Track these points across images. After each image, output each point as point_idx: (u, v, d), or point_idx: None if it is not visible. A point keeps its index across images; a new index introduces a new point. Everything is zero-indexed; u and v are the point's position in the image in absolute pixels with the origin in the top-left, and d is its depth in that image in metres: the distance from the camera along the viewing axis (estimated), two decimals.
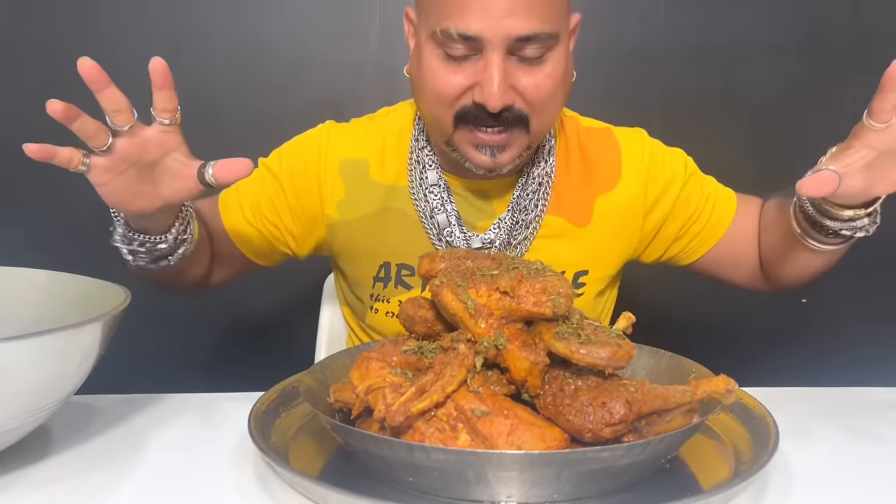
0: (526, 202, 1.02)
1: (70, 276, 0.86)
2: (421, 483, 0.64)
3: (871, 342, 1.75)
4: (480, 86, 0.88)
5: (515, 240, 1.02)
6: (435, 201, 1.02)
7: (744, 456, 0.72)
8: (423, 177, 1.02)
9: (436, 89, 0.91)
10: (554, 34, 0.89)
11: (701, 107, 1.74)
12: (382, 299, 1.06)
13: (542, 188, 1.03)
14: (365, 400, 0.69)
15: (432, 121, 0.96)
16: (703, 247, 1.09)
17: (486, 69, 0.87)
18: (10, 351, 0.63)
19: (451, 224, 1.01)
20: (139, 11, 1.66)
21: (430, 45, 0.91)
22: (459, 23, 0.86)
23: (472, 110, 0.90)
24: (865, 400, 0.91)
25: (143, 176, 0.80)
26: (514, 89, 0.89)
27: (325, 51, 1.69)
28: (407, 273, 1.04)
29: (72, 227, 1.66)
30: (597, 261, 1.06)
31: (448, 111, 0.92)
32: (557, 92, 0.92)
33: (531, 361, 0.68)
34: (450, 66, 0.90)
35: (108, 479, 0.71)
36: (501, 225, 1.02)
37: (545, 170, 1.03)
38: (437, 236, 1.02)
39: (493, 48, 0.87)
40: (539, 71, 0.90)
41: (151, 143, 0.79)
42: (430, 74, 0.91)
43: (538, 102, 0.91)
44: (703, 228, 1.08)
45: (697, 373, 0.77)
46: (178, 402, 0.89)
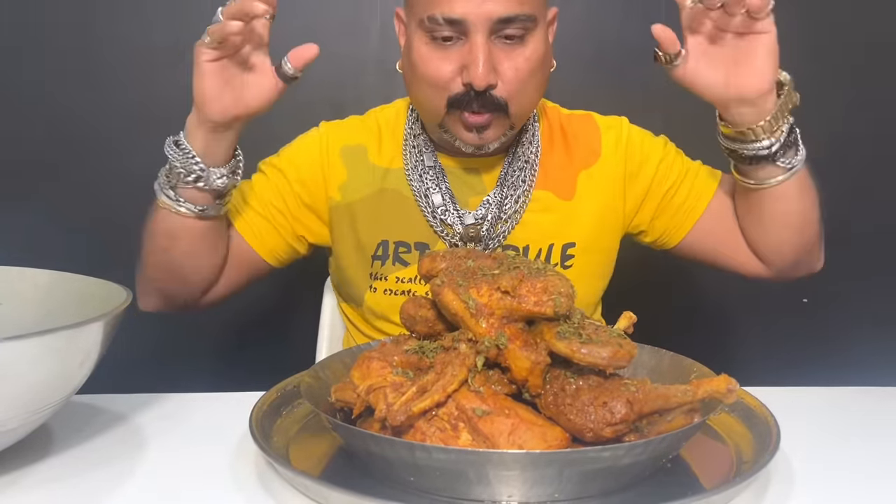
0: (514, 178, 1.08)
1: (71, 275, 0.86)
2: (422, 482, 0.64)
3: (871, 342, 1.75)
4: (467, 67, 0.96)
5: (506, 214, 1.07)
6: (430, 182, 1.08)
7: (745, 455, 0.72)
8: (420, 160, 1.09)
9: (427, 74, 0.99)
10: (532, 16, 0.97)
11: (704, 106, 1.74)
12: (381, 277, 1.10)
13: (528, 165, 1.09)
14: (366, 399, 0.69)
15: (426, 105, 1.02)
16: (686, 221, 1.11)
17: (472, 51, 0.95)
18: (12, 350, 0.63)
19: (446, 202, 1.07)
20: (142, 12, 1.66)
21: (418, 33, 0.99)
22: (445, 8, 0.95)
23: (462, 96, 0.98)
24: (866, 400, 0.91)
25: (235, 72, 0.91)
26: (496, 71, 0.97)
27: (327, 48, 1.69)
28: (404, 250, 1.09)
29: (73, 226, 1.66)
30: (583, 233, 1.10)
31: (441, 94, 0.99)
32: (535, 75, 0.99)
33: (532, 361, 0.68)
34: (438, 52, 0.98)
35: (109, 479, 0.71)
36: (492, 200, 1.08)
37: (530, 149, 1.10)
38: (432, 214, 1.08)
39: (476, 30, 0.95)
40: (519, 54, 0.97)
41: (254, 33, 0.90)
42: (420, 61, 0.99)
43: (516, 84, 0.98)
44: (684, 201, 1.11)
45: (699, 372, 0.77)
46: (180, 402, 0.89)
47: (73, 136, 1.68)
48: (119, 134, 1.69)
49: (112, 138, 1.69)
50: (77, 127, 1.68)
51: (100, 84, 1.67)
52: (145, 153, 1.71)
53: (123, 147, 1.69)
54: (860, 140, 1.77)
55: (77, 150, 1.69)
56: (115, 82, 1.67)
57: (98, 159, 1.70)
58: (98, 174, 1.70)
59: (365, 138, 1.13)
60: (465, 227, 1.06)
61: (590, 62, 1.70)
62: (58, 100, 1.66)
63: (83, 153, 1.69)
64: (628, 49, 1.71)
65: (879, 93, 1.76)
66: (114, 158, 1.70)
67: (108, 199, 1.69)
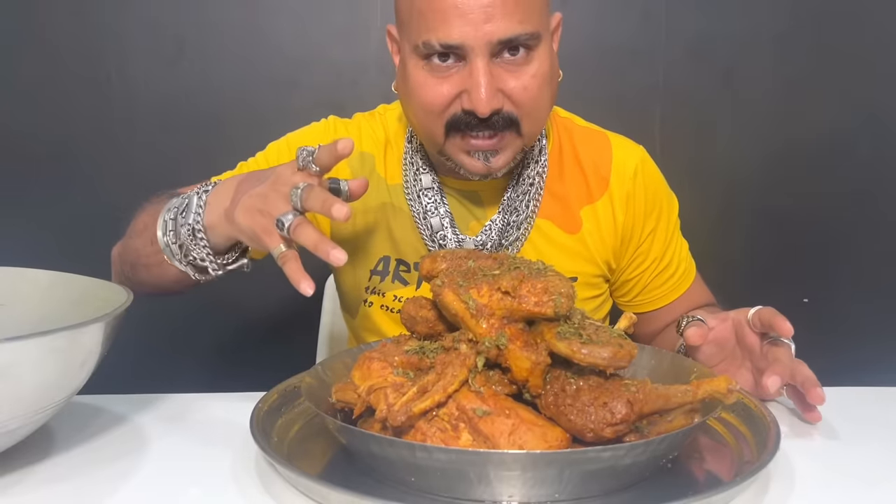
0: (517, 203, 1.03)
1: (73, 276, 0.86)
2: (423, 483, 0.64)
3: (872, 342, 1.75)
4: (468, 92, 0.89)
5: (507, 241, 1.03)
6: (429, 204, 1.03)
7: (745, 455, 0.72)
8: (417, 179, 1.03)
9: (424, 101, 0.92)
10: (535, 34, 0.90)
11: (701, 104, 1.74)
12: (378, 292, 1.07)
13: (533, 188, 1.03)
14: (367, 400, 0.69)
15: (423, 133, 0.97)
16: (639, 306, 1.14)
17: (472, 75, 0.88)
18: (13, 351, 0.63)
19: (444, 227, 1.02)
20: (143, 11, 1.66)
21: (413, 58, 0.92)
22: (441, 33, 0.88)
23: (462, 118, 0.91)
24: (867, 400, 0.91)
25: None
26: (502, 92, 0.91)
27: (327, 51, 1.70)
28: (404, 269, 1.06)
29: (75, 227, 1.67)
30: (585, 268, 1.08)
31: (438, 121, 0.93)
32: (544, 91, 0.93)
33: (533, 361, 0.68)
34: (435, 77, 0.91)
35: (110, 480, 0.71)
36: (493, 227, 1.03)
37: (536, 170, 1.03)
38: (430, 237, 1.03)
39: (476, 54, 0.88)
40: (525, 72, 0.91)
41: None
42: (416, 87, 0.92)
43: (527, 103, 0.92)
44: (648, 289, 1.13)
45: (699, 373, 0.77)
46: (181, 403, 0.89)
47: (73, 136, 1.69)
48: (120, 134, 1.69)
49: (113, 138, 1.69)
50: (78, 127, 1.68)
51: (100, 84, 1.67)
52: (146, 153, 1.72)
53: (125, 147, 1.69)
54: (860, 140, 1.77)
55: (78, 151, 1.69)
56: (116, 82, 1.67)
57: (99, 159, 1.70)
58: (99, 174, 1.70)
59: (373, 146, 1.08)
60: None
61: (591, 62, 1.70)
62: (58, 100, 1.67)
63: (84, 153, 1.70)
64: (627, 51, 1.71)
65: (880, 93, 1.76)
66: (115, 158, 1.70)
67: (109, 199, 1.69)
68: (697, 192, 1.71)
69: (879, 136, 1.77)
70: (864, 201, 1.79)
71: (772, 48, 1.72)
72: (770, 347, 0.87)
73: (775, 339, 0.88)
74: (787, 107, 1.75)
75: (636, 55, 1.71)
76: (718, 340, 0.91)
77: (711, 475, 0.72)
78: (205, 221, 0.84)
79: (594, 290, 1.10)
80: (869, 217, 1.79)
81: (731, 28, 1.71)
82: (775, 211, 1.80)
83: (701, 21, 1.71)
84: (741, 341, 0.91)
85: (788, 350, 0.86)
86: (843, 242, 1.80)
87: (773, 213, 1.80)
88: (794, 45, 1.72)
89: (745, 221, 1.81)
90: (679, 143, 1.72)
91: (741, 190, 1.79)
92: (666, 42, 1.70)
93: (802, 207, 1.79)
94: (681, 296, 1.13)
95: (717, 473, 0.72)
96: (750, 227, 1.81)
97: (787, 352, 0.86)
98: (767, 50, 1.72)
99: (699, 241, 1.22)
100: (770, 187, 1.80)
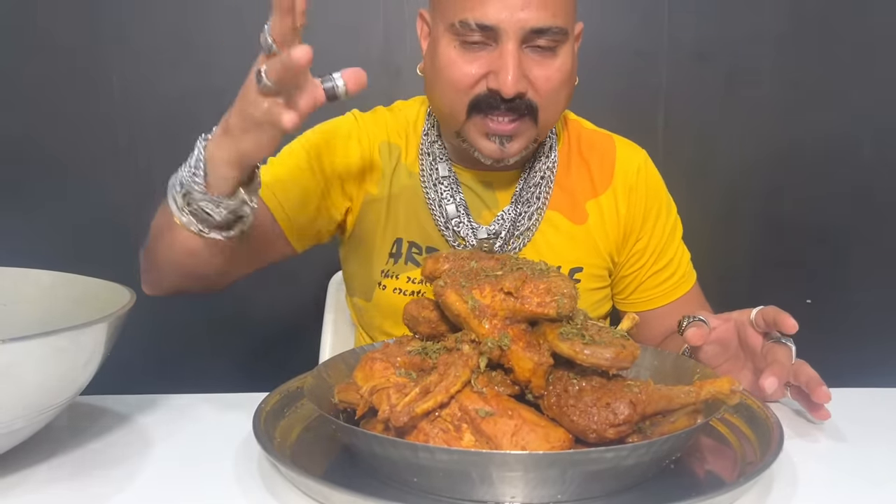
0: (529, 195, 1.07)
1: (75, 276, 0.86)
2: (425, 483, 0.64)
3: (875, 343, 1.75)
4: (495, 73, 0.93)
5: (518, 230, 1.06)
6: (445, 192, 1.06)
7: (748, 456, 0.72)
8: (434, 168, 1.07)
9: (451, 78, 0.96)
10: (564, 29, 0.95)
11: (704, 107, 1.74)
12: (392, 275, 1.09)
13: (544, 181, 1.08)
14: (369, 400, 0.69)
15: (446, 111, 1.00)
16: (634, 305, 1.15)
17: (502, 57, 0.93)
18: (16, 351, 0.64)
19: (460, 214, 1.06)
20: (146, 10, 1.66)
21: (446, 37, 0.96)
22: (478, 13, 0.92)
23: (486, 98, 0.95)
24: (869, 401, 0.91)
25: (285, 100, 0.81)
26: (527, 79, 0.94)
27: (330, 49, 1.69)
28: (416, 251, 1.09)
29: (77, 227, 1.67)
30: (591, 259, 1.10)
31: (463, 98, 0.96)
32: (565, 87, 0.98)
33: (535, 362, 0.68)
34: (465, 56, 0.95)
35: (113, 480, 0.71)
36: (505, 217, 1.06)
37: (547, 164, 1.08)
38: (445, 225, 1.06)
39: (508, 38, 0.92)
40: (550, 64, 0.95)
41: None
42: (446, 64, 0.96)
43: (548, 93, 0.96)
44: (643, 288, 1.14)
45: (702, 373, 0.77)
46: (184, 403, 0.89)
47: (76, 137, 1.69)
48: (122, 135, 1.69)
49: (115, 139, 1.70)
50: (80, 128, 1.69)
51: (101, 84, 1.67)
52: (147, 153, 1.73)
53: (127, 148, 1.69)
54: (861, 140, 1.77)
55: (79, 151, 1.69)
56: (116, 82, 1.68)
57: (100, 159, 1.70)
58: (100, 174, 1.71)
59: (398, 136, 1.11)
60: (478, 241, 1.05)
61: (593, 62, 1.70)
62: (61, 101, 1.67)
63: (86, 154, 1.70)
64: (630, 54, 1.71)
65: (881, 96, 1.76)
66: (116, 159, 1.70)
67: (111, 199, 1.69)
68: (700, 194, 1.72)
69: (880, 139, 1.77)
70: (867, 203, 1.79)
71: (774, 51, 1.72)
72: (769, 348, 0.87)
73: (776, 340, 0.88)
74: (789, 109, 1.75)
75: (639, 58, 1.71)
76: (720, 341, 0.91)
77: (714, 476, 0.72)
78: (206, 155, 0.83)
79: (599, 281, 1.12)
80: (871, 219, 1.79)
81: (733, 31, 1.71)
82: (777, 212, 1.80)
83: (703, 24, 1.71)
84: (744, 342, 0.91)
85: (788, 351, 0.86)
86: (845, 243, 1.80)
87: (775, 215, 1.80)
88: (797, 48, 1.72)
89: (748, 222, 1.81)
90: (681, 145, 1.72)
91: (743, 191, 1.79)
92: (668, 45, 1.70)
93: (805, 209, 1.79)
94: (678, 299, 1.14)
95: (720, 474, 0.72)
96: (752, 228, 1.81)
97: (786, 353, 0.86)
98: (769, 53, 1.72)
99: (701, 242, 1.22)
100: (772, 189, 1.80)
